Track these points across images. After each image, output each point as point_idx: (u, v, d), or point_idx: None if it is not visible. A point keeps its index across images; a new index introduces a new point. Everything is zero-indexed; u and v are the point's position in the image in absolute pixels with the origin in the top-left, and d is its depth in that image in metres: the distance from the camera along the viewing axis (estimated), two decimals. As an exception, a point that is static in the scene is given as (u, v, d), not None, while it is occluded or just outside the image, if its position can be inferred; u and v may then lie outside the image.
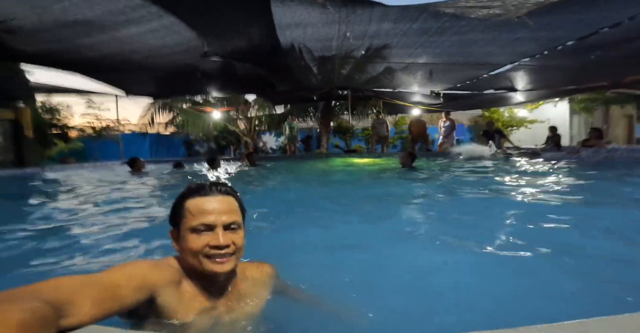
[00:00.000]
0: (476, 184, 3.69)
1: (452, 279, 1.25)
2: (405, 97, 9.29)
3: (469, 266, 1.37)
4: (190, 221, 0.78)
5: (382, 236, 1.83)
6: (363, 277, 1.27)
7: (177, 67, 5.60)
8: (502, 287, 1.17)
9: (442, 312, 1.01)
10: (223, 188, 0.84)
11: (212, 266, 0.76)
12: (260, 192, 3.66)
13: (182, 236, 0.79)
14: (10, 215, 2.62)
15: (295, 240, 1.82)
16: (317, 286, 1.08)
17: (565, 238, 1.68)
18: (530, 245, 1.49)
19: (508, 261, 1.38)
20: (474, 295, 1.12)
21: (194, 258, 0.77)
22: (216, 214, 0.78)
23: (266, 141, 13.10)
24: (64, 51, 4.34)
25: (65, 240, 1.83)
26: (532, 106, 12.48)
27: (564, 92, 9.10)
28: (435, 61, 5.73)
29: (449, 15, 3.70)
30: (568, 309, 0.98)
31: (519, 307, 1.02)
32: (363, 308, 0.99)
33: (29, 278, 1.32)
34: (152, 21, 3.73)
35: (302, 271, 1.23)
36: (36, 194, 4.01)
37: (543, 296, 1.09)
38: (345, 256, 1.51)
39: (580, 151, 6.35)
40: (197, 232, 0.77)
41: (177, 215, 0.81)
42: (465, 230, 1.89)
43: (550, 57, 5.28)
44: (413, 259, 1.48)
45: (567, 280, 1.21)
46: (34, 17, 3.22)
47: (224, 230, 0.78)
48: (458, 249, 1.56)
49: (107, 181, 4.68)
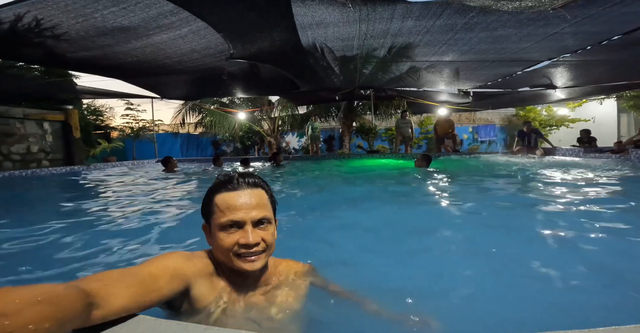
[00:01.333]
0: (499, 186, 3.49)
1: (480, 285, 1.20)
2: (431, 96, 8.99)
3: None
4: (219, 217, 0.77)
5: (393, 239, 1.80)
6: (390, 278, 1.26)
7: (205, 71, 5.86)
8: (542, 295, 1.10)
9: (469, 318, 0.97)
10: (252, 180, 0.82)
11: (242, 264, 0.76)
12: (286, 190, 3.73)
13: (213, 233, 0.80)
14: (59, 210, 2.90)
15: (314, 238, 1.84)
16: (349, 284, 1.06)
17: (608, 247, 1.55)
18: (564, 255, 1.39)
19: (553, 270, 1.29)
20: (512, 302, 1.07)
21: (224, 255, 0.77)
22: (245, 209, 0.77)
23: (289, 141, 13.31)
24: (104, 57, 4.71)
25: (111, 232, 1.99)
26: (575, 104, 11.52)
27: (611, 89, 8.30)
28: (463, 58, 5.48)
29: (475, 10, 3.52)
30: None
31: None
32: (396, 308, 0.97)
33: (75, 266, 1.45)
34: (182, 27, 3.94)
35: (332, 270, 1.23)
36: (87, 189, 4.43)
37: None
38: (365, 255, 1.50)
39: (630, 152, 5.80)
40: (226, 229, 0.77)
41: (208, 210, 0.81)
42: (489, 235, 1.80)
43: (594, 52, 4.83)
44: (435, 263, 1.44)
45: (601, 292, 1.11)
46: (78, 25, 3.54)
47: (254, 227, 0.77)
48: (484, 255, 1.49)
49: (152, 178, 5.06)
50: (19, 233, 1.96)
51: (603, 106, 11.49)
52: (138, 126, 11.21)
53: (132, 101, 10.85)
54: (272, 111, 12.43)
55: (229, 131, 12.04)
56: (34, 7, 3.14)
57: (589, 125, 10.50)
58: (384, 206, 2.67)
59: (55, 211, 2.78)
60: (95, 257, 1.53)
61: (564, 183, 3.49)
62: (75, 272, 1.36)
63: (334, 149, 12.47)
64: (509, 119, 13.59)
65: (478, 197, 2.97)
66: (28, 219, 2.41)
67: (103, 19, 3.46)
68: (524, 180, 3.95)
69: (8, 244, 1.73)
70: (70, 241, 1.79)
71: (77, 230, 1.98)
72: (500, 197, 2.97)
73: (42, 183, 5.26)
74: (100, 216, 2.45)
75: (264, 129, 12.53)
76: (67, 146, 7.61)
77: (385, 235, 1.84)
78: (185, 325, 0.49)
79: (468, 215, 2.28)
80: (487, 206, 2.54)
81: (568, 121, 11.57)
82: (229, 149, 13.08)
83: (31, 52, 4.33)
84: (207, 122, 12.18)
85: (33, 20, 3.37)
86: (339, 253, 1.56)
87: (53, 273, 1.34)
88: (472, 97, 8.52)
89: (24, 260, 1.54)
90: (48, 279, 1.30)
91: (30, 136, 6.90)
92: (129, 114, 10.93)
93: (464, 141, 12.87)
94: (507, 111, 13.65)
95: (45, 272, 1.36)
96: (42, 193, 4.39)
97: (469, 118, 14.49)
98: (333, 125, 12.91)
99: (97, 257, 1.53)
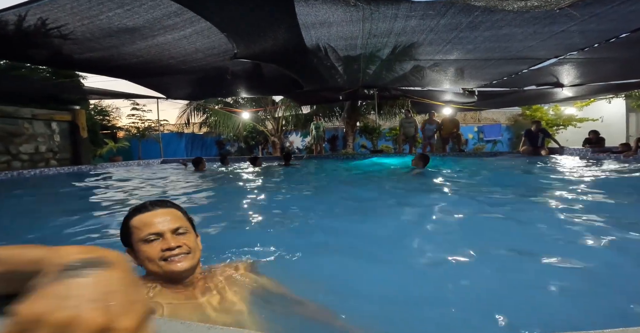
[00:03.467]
0: (499, 186, 3.45)
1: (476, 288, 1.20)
2: (435, 95, 8.93)
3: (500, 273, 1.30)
4: (139, 234, 0.85)
5: (382, 236, 1.79)
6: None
7: (210, 71, 5.90)
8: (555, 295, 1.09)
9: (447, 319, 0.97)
10: (162, 202, 0.92)
11: (170, 266, 0.83)
12: (287, 190, 3.75)
13: (137, 250, 0.86)
14: (68, 207, 2.95)
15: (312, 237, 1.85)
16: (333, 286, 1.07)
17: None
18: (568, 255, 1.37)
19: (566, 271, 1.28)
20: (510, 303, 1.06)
21: (153, 264, 0.84)
22: (161, 223, 0.86)
23: (292, 141, 13.33)
24: (110, 58, 4.77)
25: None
26: (583, 104, 11.34)
27: (620, 88, 8.16)
28: (468, 57, 5.44)
29: (480, 9, 3.49)
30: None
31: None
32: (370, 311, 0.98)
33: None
34: (186, 28, 3.97)
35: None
36: (95, 187, 4.49)
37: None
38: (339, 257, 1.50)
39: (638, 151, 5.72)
40: (148, 242, 0.84)
41: (126, 233, 0.89)
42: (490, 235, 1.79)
43: (601, 50, 4.76)
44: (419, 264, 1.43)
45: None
46: (83, 27, 3.59)
47: (172, 234, 0.86)
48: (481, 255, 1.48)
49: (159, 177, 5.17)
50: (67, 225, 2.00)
51: (611, 105, 11.29)
52: (144, 126, 11.32)
53: (138, 102, 10.97)
54: (276, 110, 12.46)
55: (233, 130, 12.10)
56: (40, 9, 3.19)
57: (597, 125, 10.33)
58: (381, 206, 2.67)
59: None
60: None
61: (567, 183, 3.45)
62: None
63: (337, 149, 12.47)
64: (515, 119, 13.43)
65: (477, 197, 2.94)
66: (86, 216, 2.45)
67: (109, 21, 3.50)
68: (524, 180, 3.91)
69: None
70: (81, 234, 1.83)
71: (90, 224, 2.01)
72: (500, 197, 2.94)
73: (76, 184, 5.31)
74: (108, 213, 2.48)
75: (268, 129, 12.56)
76: (74, 146, 7.72)
77: (377, 236, 1.84)
78: (188, 324, 0.50)
79: (466, 214, 2.26)
80: (486, 206, 2.52)
81: (576, 121, 11.39)
82: (233, 149, 13.16)
83: (38, 53, 4.40)
84: (212, 122, 12.25)
85: (40, 22, 3.43)
86: (333, 254, 1.56)
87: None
88: (477, 97, 8.44)
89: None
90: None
91: (39, 136, 7.02)
92: (135, 114, 11.05)
93: (469, 140, 12.76)
94: (513, 111, 13.49)
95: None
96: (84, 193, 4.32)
97: (474, 118, 14.36)
98: (337, 125, 12.90)
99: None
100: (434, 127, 8.84)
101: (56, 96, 7.89)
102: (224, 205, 2.86)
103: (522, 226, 1.93)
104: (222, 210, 2.63)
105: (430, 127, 8.81)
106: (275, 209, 2.63)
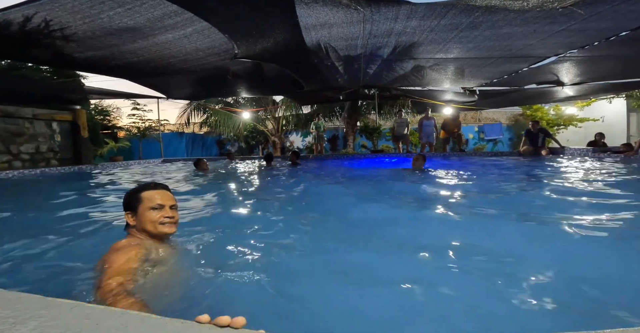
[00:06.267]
0: (498, 186, 3.45)
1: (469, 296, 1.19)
2: (435, 95, 8.92)
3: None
4: (150, 203, 1.25)
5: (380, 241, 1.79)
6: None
7: (210, 70, 5.90)
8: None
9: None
10: (163, 186, 1.34)
11: (164, 228, 1.25)
12: (288, 189, 3.75)
13: (142, 214, 1.24)
14: (69, 208, 2.96)
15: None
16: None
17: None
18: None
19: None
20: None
21: (151, 225, 1.24)
22: (164, 199, 1.28)
23: (293, 141, 13.34)
24: (111, 56, 4.77)
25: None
26: (583, 103, 11.33)
27: (621, 87, 8.15)
28: (468, 55, 5.43)
29: (481, 10, 3.49)
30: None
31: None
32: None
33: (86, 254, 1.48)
34: (187, 27, 3.97)
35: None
36: (95, 187, 4.49)
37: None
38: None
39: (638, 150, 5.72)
40: (154, 209, 1.25)
41: (135, 201, 1.26)
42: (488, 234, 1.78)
43: (602, 48, 4.76)
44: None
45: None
46: (85, 26, 3.60)
47: (170, 208, 1.28)
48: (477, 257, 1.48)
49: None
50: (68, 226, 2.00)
51: (612, 105, 11.27)
52: (144, 126, 11.33)
53: (139, 101, 10.98)
54: (277, 110, 12.46)
55: (233, 130, 12.11)
56: (42, 8, 3.19)
57: (598, 124, 10.32)
58: (377, 206, 2.66)
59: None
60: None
61: (567, 183, 3.44)
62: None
63: (337, 149, 12.47)
64: (515, 118, 13.42)
65: (475, 197, 2.94)
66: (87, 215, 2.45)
67: (109, 20, 3.50)
68: (524, 180, 3.91)
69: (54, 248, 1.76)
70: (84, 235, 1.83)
71: (94, 222, 2.01)
72: (499, 197, 2.94)
73: (79, 183, 5.30)
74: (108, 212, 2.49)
75: (268, 128, 12.57)
76: (75, 146, 7.73)
77: (374, 235, 1.83)
78: (190, 323, 0.52)
79: (464, 214, 2.26)
80: (484, 206, 2.52)
81: (576, 121, 11.38)
82: (234, 149, 13.16)
83: (40, 52, 4.41)
84: (212, 122, 12.27)
85: (42, 21, 3.43)
86: (331, 254, 1.55)
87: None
88: (478, 96, 8.43)
89: (71, 256, 1.57)
90: (72, 269, 1.33)
91: (40, 135, 7.03)
92: (136, 114, 11.06)
93: (470, 140, 12.75)
94: (514, 110, 13.48)
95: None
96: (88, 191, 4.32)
97: (474, 117, 14.35)
98: (337, 125, 12.90)
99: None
100: (432, 122, 8.81)
101: (57, 96, 7.90)
102: (220, 208, 2.86)
103: (527, 238, 1.84)
104: (220, 211, 2.62)
105: (427, 123, 8.79)
106: (262, 216, 2.56)
